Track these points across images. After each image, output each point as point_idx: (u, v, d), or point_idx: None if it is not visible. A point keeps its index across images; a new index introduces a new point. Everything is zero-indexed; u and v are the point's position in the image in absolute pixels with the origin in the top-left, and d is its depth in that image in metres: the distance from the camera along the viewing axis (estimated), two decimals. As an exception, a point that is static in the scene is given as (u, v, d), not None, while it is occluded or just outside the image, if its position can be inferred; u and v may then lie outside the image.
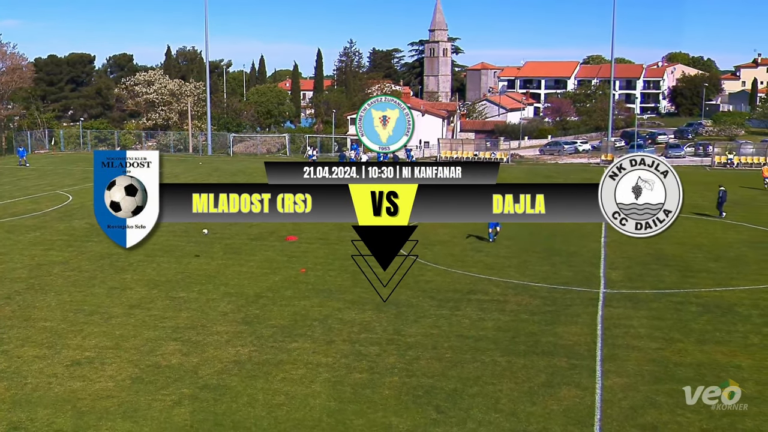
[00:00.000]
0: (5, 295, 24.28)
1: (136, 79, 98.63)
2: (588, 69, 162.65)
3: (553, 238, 33.10)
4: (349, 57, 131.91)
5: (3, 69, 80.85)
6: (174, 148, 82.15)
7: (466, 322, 21.61)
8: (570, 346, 19.69)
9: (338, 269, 27.67)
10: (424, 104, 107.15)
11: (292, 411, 15.93)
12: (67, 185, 51.28)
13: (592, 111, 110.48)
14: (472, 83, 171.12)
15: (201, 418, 15.61)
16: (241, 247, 31.62)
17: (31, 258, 29.52)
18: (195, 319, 21.96)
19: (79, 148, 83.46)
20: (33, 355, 19.05)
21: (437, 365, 18.39)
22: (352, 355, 19.04)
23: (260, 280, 26.34)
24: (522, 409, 16.01)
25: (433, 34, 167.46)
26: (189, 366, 18.33)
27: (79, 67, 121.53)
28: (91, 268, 27.88)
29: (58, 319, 21.87)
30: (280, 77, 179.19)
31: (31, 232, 34.59)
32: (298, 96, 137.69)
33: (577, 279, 26.32)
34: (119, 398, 16.52)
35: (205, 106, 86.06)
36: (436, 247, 31.50)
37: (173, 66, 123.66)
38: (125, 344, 19.82)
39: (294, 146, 79.68)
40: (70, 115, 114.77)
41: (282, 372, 17.98)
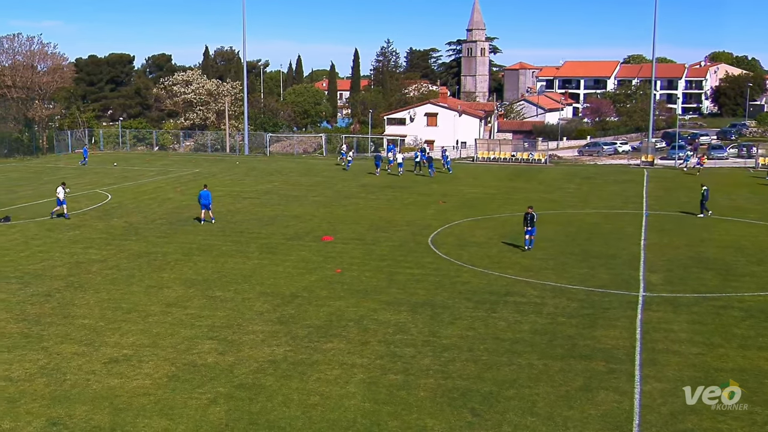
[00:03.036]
0: (45, 293, 24.61)
1: (175, 79, 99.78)
2: (628, 69, 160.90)
3: (591, 240, 32.69)
4: (386, 57, 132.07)
5: (44, 69, 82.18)
6: (211, 148, 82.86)
7: (502, 325, 21.39)
8: (608, 349, 19.37)
9: (374, 270, 27.61)
10: (462, 104, 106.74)
11: (327, 411, 15.88)
12: (106, 184, 51.96)
13: (633, 111, 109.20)
14: (510, 83, 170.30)
15: (236, 417, 15.63)
16: (277, 246, 31.72)
17: (70, 256, 29.92)
18: (231, 318, 22.04)
19: (118, 147, 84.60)
20: (72, 352, 19.26)
21: (473, 367, 18.21)
22: (387, 356, 18.94)
23: (296, 279, 26.37)
24: (559, 413, 15.76)
25: (470, 34, 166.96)
26: (225, 365, 18.38)
27: (118, 67, 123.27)
28: (129, 267, 28.17)
29: (96, 317, 22.11)
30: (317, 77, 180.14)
31: (71, 231, 35.08)
32: (335, 96, 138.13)
33: (615, 282, 25.93)
34: (156, 396, 16.61)
35: (242, 106, 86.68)
36: (473, 248, 31.29)
37: (211, 66, 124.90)
38: (162, 342, 19.95)
39: (330, 146, 79.88)
40: (110, 115, 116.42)
41: (317, 372, 17.94)
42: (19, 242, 32.48)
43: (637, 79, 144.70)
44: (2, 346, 19.54)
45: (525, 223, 30.31)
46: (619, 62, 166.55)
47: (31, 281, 26.01)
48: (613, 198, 46.30)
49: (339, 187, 50.93)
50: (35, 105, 79.15)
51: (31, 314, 22.30)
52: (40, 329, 20.95)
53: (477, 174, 60.38)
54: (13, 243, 32.31)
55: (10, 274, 26.93)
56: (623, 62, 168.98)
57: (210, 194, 37.15)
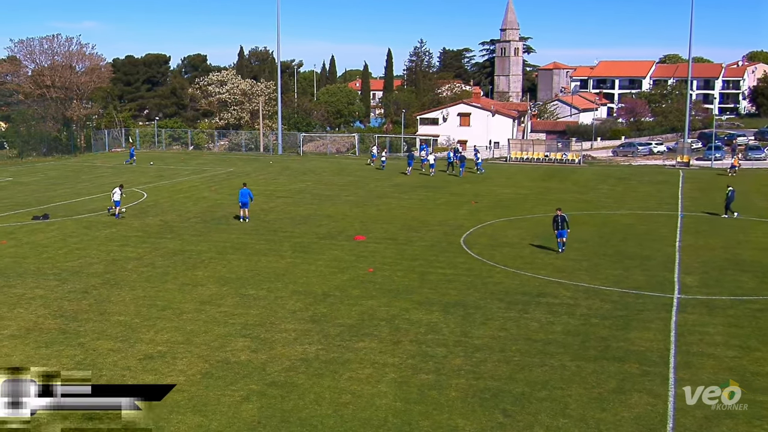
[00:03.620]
0: (82, 289, 25.00)
1: (210, 79, 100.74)
2: (664, 68, 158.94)
3: (625, 242, 32.40)
4: (419, 57, 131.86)
5: (83, 69, 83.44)
6: (245, 147, 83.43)
7: (534, 326, 21.29)
8: (642, 352, 19.19)
9: (406, 269, 27.63)
10: (495, 104, 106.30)
11: (358, 410, 15.93)
12: (142, 183, 52.60)
13: (668, 111, 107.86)
14: (543, 83, 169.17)
15: (268, 414, 15.75)
16: (310, 245, 31.87)
17: (107, 253, 30.34)
18: (264, 316, 22.20)
19: (153, 146, 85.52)
20: (108, 348, 19.54)
21: (505, 368, 18.15)
22: (419, 356, 18.95)
23: (328, 278, 26.48)
24: (591, 415, 15.65)
25: (504, 34, 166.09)
26: (257, 362, 18.53)
27: (154, 67, 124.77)
28: (164, 265, 28.49)
29: (132, 314, 22.41)
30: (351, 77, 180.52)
31: (108, 229, 35.57)
32: (368, 96, 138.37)
33: (650, 284, 25.67)
34: (189, 392, 16.79)
35: (276, 106, 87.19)
36: (505, 249, 31.17)
37: (245, 66, 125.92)
38: (196, 339, 20.17)
39: (363, 146, 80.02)
40: (146, 115, 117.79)
41: (349, 371, 18.02)
42: (57, 239, 33.03)
43: (673, 79, 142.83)
44: (40, 342, 19.90)
45: (555, 226, 29.98)
46: (655, 62, 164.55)
47: (68, 278, 26.44)
48: (647, 199, 45.81)
49: (371, 187, 51.02)
50: (73, 105, 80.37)
51: (69, 310, 22.68)
52: (77, 325, 21.30)
53: (510, 174, 60.10)
54: (52, 240, 32.86)
55: (48, 271, 27.40)
56: (659, 62, 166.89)
57: (249, 192, 37.50)
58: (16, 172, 61.37)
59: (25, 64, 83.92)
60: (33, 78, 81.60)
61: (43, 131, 77.00)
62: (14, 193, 47.84)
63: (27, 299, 23.82)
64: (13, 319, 21.83)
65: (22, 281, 25.97)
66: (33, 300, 23.73)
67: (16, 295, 24.24)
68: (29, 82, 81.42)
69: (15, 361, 18.47)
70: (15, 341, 19.94)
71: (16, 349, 19.33)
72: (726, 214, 38.17)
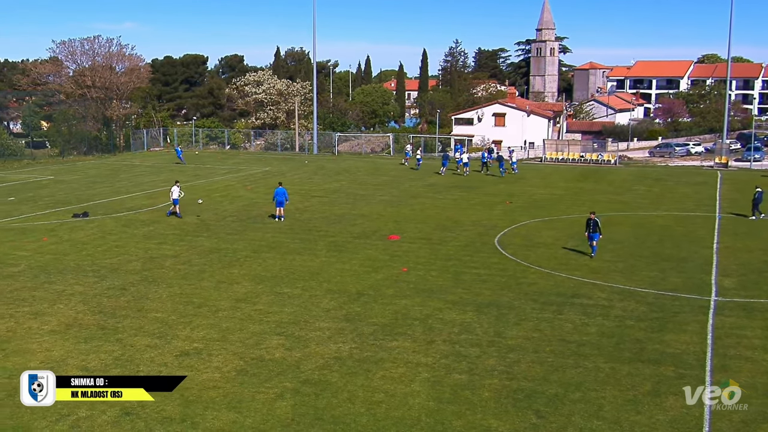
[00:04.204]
0: (121, 286, 25.41)
1: (246, 80, 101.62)
2: (702, 68, 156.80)
3: (661, 243, 32.06)
4: (454, 57, 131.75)
5: (122, 70, 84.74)
6: (281, 147, 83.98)
7: (568, 327, 21.18)
8: (678, 354, 18.99)
9: (440, 269, 27.65)
10: (530, 104, 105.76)
11: (392, 409, 15.98)
12: (180, 181, 53.09)
13: (706, 112, 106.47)
14: (579, 83, 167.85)
15: (302, 412, 15.87)
16: (345, 244, 32.03)
17: (145, 251, 30.79)
18: (298, 314, 22.37)
19: (191, 145, 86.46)
20: (145, 344, 19.84)
21: (538, 369, 18.09)
22: (452, 356, 18.96)
23: (362, 278, 26.59)
24: (626, 417, 15.53)
25: (540, 34, 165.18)
26: (291, 360, 18.68)
27: (192, 67, 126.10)
28: (201, 262, 28.83)
29: (168, 311, 22.72)
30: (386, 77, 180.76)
31: (146, 227, 36.09)
32: (403, 96, 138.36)
33: (686, 286, 25.38)
34: (224, 389, 16.98)
35: (311, 106, 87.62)
36: (540, 249, 31.03)
37: (282, 66, 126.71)
38: (231, 337, 20.38)
39: (398, 146, 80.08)
40: (184, 114, 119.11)
41: (382, 370, 18.08)
42: (96, 237, 33.59)
43: (712, 79, 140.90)
44: (80, 337, 20.27)
45: (588, 229, 29.56)
46: (693, 62, 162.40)
47: (107, 275, 26.88)
48: (684, 200, 45.26)
49: (406, 187, 51.06)
50: (113, 104, 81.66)
51: (107, 307, 23.06)
52: (115, 321, 21.65)
53: (545, 175, 59.75)
54: (91, 237, 33.43)
55: (88, 268, 27.89)
56: (697, 62, 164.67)
57: (285, 191, 37.79)
58: (57, 170, 62.48)
59: (66, 65, 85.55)
60: (74, 78, 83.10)
61: (84, 131, 78.28)
62: (55, 191, 48.73)
63: (67, 295, 24.28)
64: (54, 314, 22.28)
65: (63, 278, 26.48)
66: (73, 296, 24.19)
67: (56, 292, 24.72)
68: (70, 83, 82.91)
69: (55, 356, 18.89)
70: (55, 336, 20.34)
71: (56, 344, 19.71)
72: (753, 216, 37.66)
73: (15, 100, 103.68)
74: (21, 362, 18.37)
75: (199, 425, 15.21)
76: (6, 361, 18.52)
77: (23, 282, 25.93)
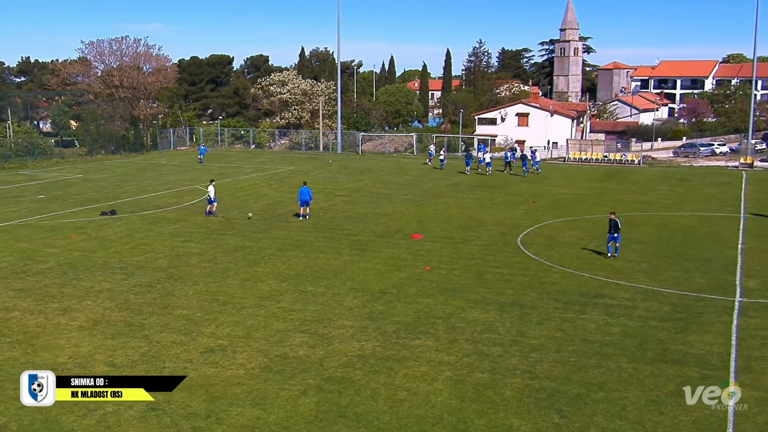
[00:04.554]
0: (147, 283, 25.74)
1: (271, 80, 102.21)
2: (727, 68, 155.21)
3: (685, 244, 31.89)
4: (477, 57, 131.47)
5: (149, 70, 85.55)
6: (305, 146, 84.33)
7: (591, 327, 21.17)
8: (701, 355, 18.92)
9: (462, 268, 27.71)
10: (553, 104, 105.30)
11: (414, 407, 16.07)
12: (205, 180, 53.54)
13: (731, 112, 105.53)
14: (603, 83, 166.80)
15: (325, 409, 16.00)
16: (368, 243, 32.17)
17: (171, 249, 31.14)
18: (322, 312, 22.53)
19: (216, 145, 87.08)
20: (171, 340, 20.09)
21: (561, 369, 18.10)
22: (475, 355, 19.02)
23: (385, 276, 26.72)
24: (649, 418, 15.51)
25: (564, 34, 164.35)
26: (315, 358, 18.83)
27: (218, 68, 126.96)
28: (226, 260, 29.10)
29: (194, 308, 22.99)
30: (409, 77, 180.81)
31: (172, 225, 36.47)
32: (427, 96, 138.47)
33: (710, 286, 25.24)
34: (249, 386, 17.17)
35: (335, 106, 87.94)
36: (563, 249, 30.99)
37: (306, 66, 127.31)
38: (255, 334, 20.59)
39: (421, 145, 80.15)
40: (209, 114, 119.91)
41: (404, 368, 18.17)
42: (123, 235, 34.01)
43: (737, 78, 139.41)
44: (107, 333, 20.57)
45: (609, 230, 29.11)
46: (718, 62, 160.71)
47: (134, 272, 27.23)
48: (709, 200, 44.93)
49: (429, 186, 51.13)
50: (140, 104, 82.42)
51: (134, 303, 23.38)
52: (141, 318, 21.95)
53: (568, 174, 59.53)
54: (118, 235, 33.86)
55: (115, 265, 28.26)
56: (722, 62, 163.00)
57: (310, 190, 38.04)
58: (85, 169, 63.25)
59: (95, 65, 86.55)
60: (102, 78, 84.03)
61: (112, 130, 79.18)
62: (84, 190, 49.37)
63: (95, 292, 24.65)
64: (82, 310, 22.63)
65: (91, 274, 26.87)
66: (100, 293, 24.55)
67: (84, 288, 25.10)
68: (99, 83, 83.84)
69: (83, 351, 19.19)
70: (83, 332, 20.66)
71: (84, 340, 20.02)
72: None
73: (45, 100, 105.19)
74: (50, 357, 18.70)
75: (223, 421, 15.40)
76: (35, 356, 18.85)
77: (52, 278, 26.36)
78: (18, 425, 15.11)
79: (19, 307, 22.96)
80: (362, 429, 15.09)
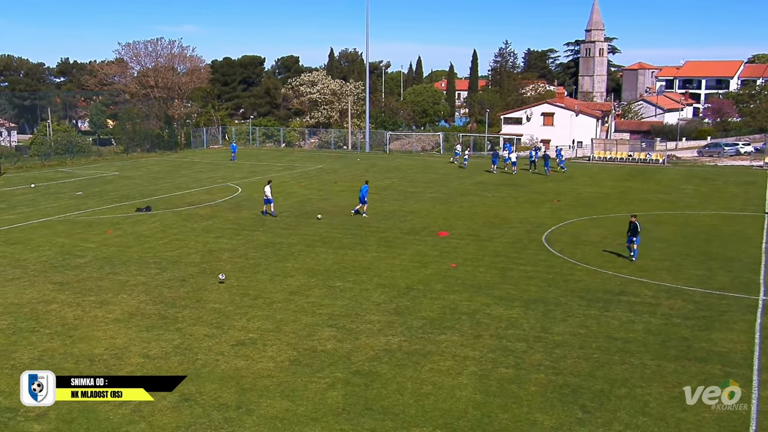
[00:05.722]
0: (180, 278, 26.31)
1: (301, 80, 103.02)
2: (753, 68, 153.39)
3: (709, 242, 31.90)
4: (504, 57, 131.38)
5: (183, 71, 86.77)
6: (334, 145, 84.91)
7: (615, 324, 21.34)
8: (725, 353, 19.01)
9: (487, 265, 27.98)
10: (579, 104, 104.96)
11: (439, 401, 16.28)
12: (237, 178, 54.39)
13: (757, 112, 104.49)
14: (628, 83, 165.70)
15: (352, 401, 16.26)
16: (395, 240, 32.53)
17: (203, 244, 31.72)
18: (349, 307, 22.87)
19: (248, 143, 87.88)
20: (203, 333, 20.53)
21: (584, 365, 18.26)
22: (499, 350, 19.24)
23: (412, 272, 27.03)
24: (672, 414, 15.59)
25: (589, 34, 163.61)
26: (343, 352, 19.14)
27: (250, 68, 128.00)
28: (256, 256, 29.60)
29: (225, 302, 23.45)
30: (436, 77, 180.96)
31: (205, 221, 37.10)
32: (453, 96, 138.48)
33: (734, 285, 25.29)
34: (278, 378, 17.47)
35: (364, 105, 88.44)
36: (587, 247, 31.14)
37: (335, 67, 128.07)
38: (285, 328, 20.96)
39: (448, 144, 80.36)
40: (241, 113, 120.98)
41: (430, 363, 18.41)
42: (157, 230, 34.68)
43: (762, 78, 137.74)
44: (142, 326, 21.07)
45: (628, 232, 28.94)
46: (743, 62, 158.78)
47: (168, 267, 27.82)
48: (733, 200, 44.74)
49: (455, 185, 51.37)
50: (174, 104, 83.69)
51: (168, 297, 23.91)
52: (175, 311, 22.43)
53: (593, 173, 59.45)
54: (153, 231, 34.54)
55: (150, 260, 28.89)
56: (747, 62, 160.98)
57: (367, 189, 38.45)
58: (121, 166, 64.34)
59: (131, 66, 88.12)
60: (138, 79, 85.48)
61: (147, 129, 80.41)
62: (120, 187, 50.30)
63: (130, 286, 25.25)
64: (118, 304, 23.22)
65: (126, 269, 27.51)
66: (135, 287, 25.13)
67: (120, 282, 25.72)
68: (135, 83, 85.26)
69: (119, 343, 19.65)
70: (119, 325, 21.20)
71: (119, 332, 20.53)
72: None
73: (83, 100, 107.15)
74: (87, 349, 19.22)
75: (254, 412, 15.68)
76: (73, 348, 19.37)
77: (89, 272, 27.03)
78: (56, 414, 15.47)
79: (58, 300, 23.62)
80: (388, 422, 15.31)
